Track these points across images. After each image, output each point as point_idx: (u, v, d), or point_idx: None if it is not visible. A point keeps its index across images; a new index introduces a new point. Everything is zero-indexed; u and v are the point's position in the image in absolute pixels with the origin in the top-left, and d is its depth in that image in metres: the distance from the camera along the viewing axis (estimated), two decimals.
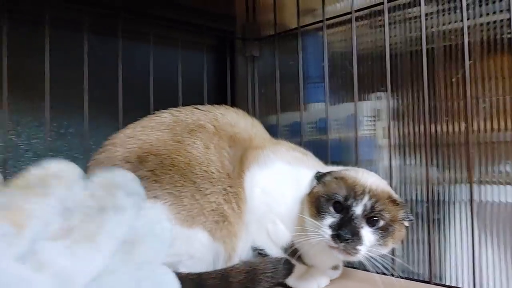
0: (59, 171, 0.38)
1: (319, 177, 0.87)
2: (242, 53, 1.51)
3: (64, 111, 1.21)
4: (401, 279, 0.96)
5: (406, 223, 0.85)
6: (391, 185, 1.02)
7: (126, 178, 0.41)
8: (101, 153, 0.90)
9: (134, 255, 0.35)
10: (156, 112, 0.97)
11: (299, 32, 1.27)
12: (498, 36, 0.94)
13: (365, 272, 0.96)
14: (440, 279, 1.02)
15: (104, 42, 1.30)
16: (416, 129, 1.07)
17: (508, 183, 0.94)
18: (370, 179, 0.84)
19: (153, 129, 0.91)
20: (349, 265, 1.06)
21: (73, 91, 1.19)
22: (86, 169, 0.92)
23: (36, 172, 0.37)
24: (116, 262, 0.34)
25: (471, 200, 0.90)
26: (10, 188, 0.36)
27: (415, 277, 1.03)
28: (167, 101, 1.33)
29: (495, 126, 0.95)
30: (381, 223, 0.80)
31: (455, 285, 0.98)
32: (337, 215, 0.81)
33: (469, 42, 0.92)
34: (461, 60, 0.93)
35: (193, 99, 1.40)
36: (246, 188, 0.91)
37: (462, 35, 0.92)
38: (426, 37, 0.99)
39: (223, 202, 0.86)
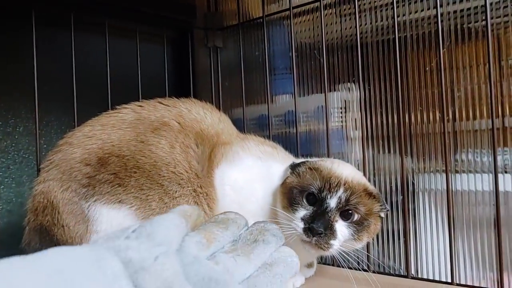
0: (235, 217, 0.60)
1: (294, 167, 0.84)
2: (204, 44, 1.44)
3: (11, 108, 1.12)
4: (377, 274, 0.94)
5: (382, 214, 0.83)
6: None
7: (273, 226, 0.62)
8: (57, 153, 0.82)
9: (270, 271, 0.55)
10: (117, 107, 0.90)
11: (264, 21, 1.22)
12: (472, 24, 0.93)
13: (340, 268, 0.93)
14: (417, 272, 1.00)
15: (55, 33, 1.21)
16: (390, 120, 1.05)
17: (484, 172, 0.93)
18: (345, 171, 0.81)
19: (114, 128, 0.83)
20: (322, 261, 1.03)
21: (21, 87, 1.10)
22: (39, 170, 0.84)
23: (221, 216, 0.60)
24: (259, 273, 0.54)
25: (447, 190, 0.88)
26: (207, 221, 0.58)
27: (392, 272, 1.02)
28: (125, 97, 1.25)
29: (470, 114, 0.94)
30: (356, 216, 0.78)
31: (433, 278, 0.98)
32: (310, 208, 0.78)
33: (442, 30, 0.90)
34: (434, 49, 0.91)
35: (153, 93, 1.32)
36: (217, 187, 0.86)
37: (435, 22, 0.90)
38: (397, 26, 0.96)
39: (194, 204, 0.81)
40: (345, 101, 1.14)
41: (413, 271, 1.00)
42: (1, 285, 0.35)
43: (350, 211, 0.78)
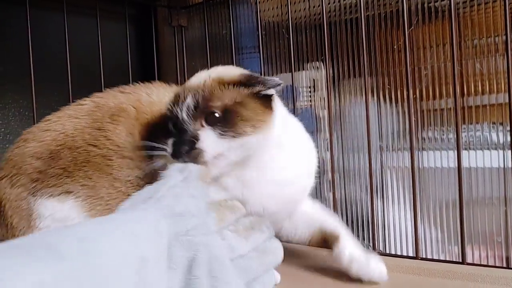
0: (239, 206, 0.69)
1: None
2: (168, 23, 1.40)
3: None
4: None
5: (268, 91, 0.71)
6: (332, 156, 1.00)
7: (266, 220, 0.70)
8: (13, 150, 0.79)
9: (261, 258, 0.64)
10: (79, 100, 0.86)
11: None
12: (438, 3, 0.94)
13: (307, 247, 0.94)
14: (385, 249, 1.03)
15: (8, 10, 1.14)
16: (358, 98, 1.06)
17: (450, 149, 0.96)
18: (199, 76, 0.73)
19: (70, 117, 0.79)
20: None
21: None
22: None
23: (229, 202, 0.69)
24: (252, 256, 0.63)
25: (412, 167, 0.90)
26: (220, 203, 0.68)
27: None
28: (86, 78, 1.22)
29: (437, 93, 0.96)
30: (217, 114, 0.68)
31: (400, 254, 1.00)
32: (176, 132, 0.70)
33: (408, 8, 0.91)
34: (401, 27, 0.91)
35: (116, 74, 1.29)
36: None
37: (402, 1, 0.90)
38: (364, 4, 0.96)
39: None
40: (313, 80, 1.13)
41: (381, 248, 1.02)
42: (102, 240, 0.47)
43: (209, 113, 0.68)
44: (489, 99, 0.91)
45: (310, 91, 1.14)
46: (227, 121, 0.68)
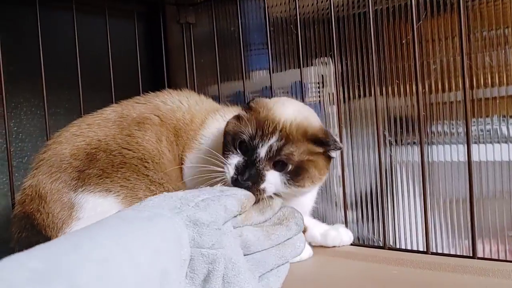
0: (273, 204, 0.69)
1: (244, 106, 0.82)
2: (176, 20, 1.41)
3: None
4: (355, 246, 0.96)
5: (333, 154, 0.78)
6: (342, 152, 1.00)
7: (299, 215, 0.69)
8: (46, 152, 0.84)
9: (280, 251, 0.64)
10: (97, 110, 0.92)
11: None
12: None
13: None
14: (395, 243, 1.02)
15: (19, 10, 1.15)
16: (366, 93, 1.05)
17: (460, 143, 0.95)
18: (287, 111, 0.75)
19: (100, 126, 0.86)
20: None
21: None
22: (30, 169, 0.85)
23: (264, 201, 0.70)
24: (273, 250, 0.64)
25: (421, 161, 0.89)
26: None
27: (370, 244, 1.04)
28: (96, 77, 1.23)
29: (446, 86, 0.95)
30: (290, 167, 0.73)
31: (410, 248, 1.00)
32: (242, 156, 0.74)
33: (417, 2, 0.90)
34: (410, 21, 0.90)
35: (125, 72, 1.30)
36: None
37: None
38: None
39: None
40: (322, 75, 1.13)
41: (391, 242, 1.02)
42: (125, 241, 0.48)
43: (282, 161, 0.73)
44: (499, 92, 0.90)
45: (318, 87, 1.14)
46: (295, 174, 0.74)
